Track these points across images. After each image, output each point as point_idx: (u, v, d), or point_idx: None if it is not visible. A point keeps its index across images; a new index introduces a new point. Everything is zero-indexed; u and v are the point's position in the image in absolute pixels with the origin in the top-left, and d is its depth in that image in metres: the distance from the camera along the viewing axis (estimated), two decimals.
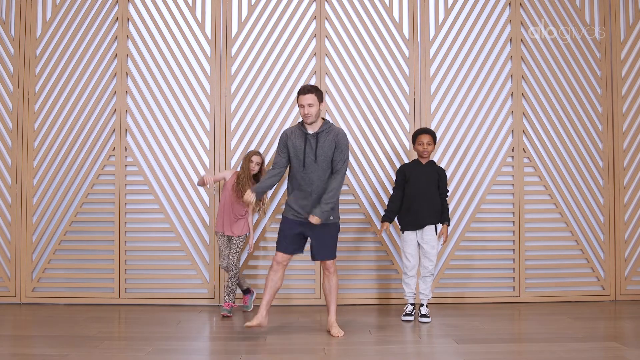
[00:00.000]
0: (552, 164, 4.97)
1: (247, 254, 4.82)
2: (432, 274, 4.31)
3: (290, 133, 3.83)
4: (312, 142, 3.73)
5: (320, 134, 3.75)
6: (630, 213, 5.01)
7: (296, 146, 3.76)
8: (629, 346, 3.47)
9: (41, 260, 4.86)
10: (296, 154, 3.76)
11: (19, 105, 4.92)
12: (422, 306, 4.29)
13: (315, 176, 3.73)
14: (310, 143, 3.73)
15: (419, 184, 4.30)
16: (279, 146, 3.87)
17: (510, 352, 3.41)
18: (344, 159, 3.74)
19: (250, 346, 3.55)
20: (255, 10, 4.97)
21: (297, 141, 3.77)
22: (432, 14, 5.00)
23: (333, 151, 3.73)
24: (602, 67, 5.03)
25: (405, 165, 4.45)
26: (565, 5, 5.03)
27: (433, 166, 4.39)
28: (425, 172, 4.33)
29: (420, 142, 4.32)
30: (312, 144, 3.73)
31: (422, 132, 4.36)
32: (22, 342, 3.65)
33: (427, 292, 4.31)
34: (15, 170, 4.89)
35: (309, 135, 3.75)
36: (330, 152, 3.72)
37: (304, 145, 3.74)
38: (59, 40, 4.93)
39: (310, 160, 3.72)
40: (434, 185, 4.33)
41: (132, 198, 4.88)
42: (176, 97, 4.92)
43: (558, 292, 4.93)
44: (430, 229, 4.29)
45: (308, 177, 3.73)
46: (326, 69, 4.94)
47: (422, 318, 4.22)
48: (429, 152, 4.33)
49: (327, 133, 3.75)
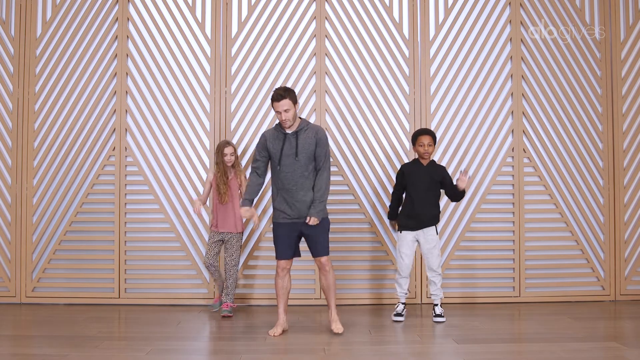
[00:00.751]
0: (552, 164, 4.97)
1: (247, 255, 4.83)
2: (439, 274, 4.29)
3: (269, 136, 3.85)
4: (292, 140, 3.77)
5: (300, 132, 3.78)
6: (630, 213, 5.01)
7: (276, 147, 3.79)
8: (629, 346, 3.47)
9: (41, 260, 4.86)
10: (276, 154, 3.78)
11: (19, 105, 4.92)
12: (436, 306, 4.29)
13: (298, 173, 3.75)
14: (290, 141, 3.77)
15: (420, 185, 4.28)
16: (258, 148, 3.88)
17: (510, 352, 3.41)
18: (326, 154, 3.80)
19: (250, 346, 3.55)
20: (255, 10, 4.97)
21: (276, 142, 3.80)
22: (432, 14, 5.00)
23: (314, 148, 3.76)
24: (602, 67, 5.03)
25: (405, 166, 4.43)
26: (565, 5, 5.03)
27: (435, 167, 4.37)
28: (428, 172, 4.30)
29: (421, 143, 4.28)
30: (292, 142, 3.76)
31: (422, 133, 4.31)
32: (22, 342, 3.65)
33: (438, 292, 4.30)
34: (15, 170, 4.89)
35: (289, 135, 3.78)
36: (311, 148, 3.76)
37: (283, 144, 3.76)
38: (59, 40, 4.94)
39: (291, 159, 3.75)
40: (436, 186, 4.32)
41: (132, 198, 4.88)
42: (176, 97, 4.93)
43: (558, 292, 4.93)
44: (429, 229, 4.29)
45: (291, 175, 3.76)
46: (326, 69, 4.94)
47: (437, 318, 4.22)
48: (430, 153, 4.30)
49: (306, 130, 3.80)
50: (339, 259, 4.82)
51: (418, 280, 4.87)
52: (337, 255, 4.80)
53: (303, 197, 3.76)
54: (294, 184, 3.75)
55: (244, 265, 4.85)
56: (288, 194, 3.77)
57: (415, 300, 4.86)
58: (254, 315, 4.47)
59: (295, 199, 3.76)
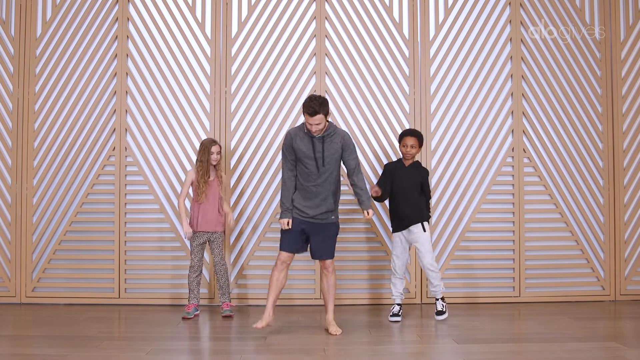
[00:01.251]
0: (552, 164, 4.97)
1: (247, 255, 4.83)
2: (434, 270, 4.26)
3: (295, 135, 3.80)
4: (319, 146, 3.74)
5: (326, 137, 3.76)
6: (630, 213, 5.01)
7: (302, 149, 3.75)
8: (629, 346, 3.47)
9: (41, 260, 4.86)
10: (303, 156, 3.76)
11: (19, 105, 4.92)
12: (437, 301, 4.28)
13: (323, 178, 3.75)
14: (316, 146, 3.74)
15: (402, 185, 4.29)
16: (286, 149, 3.83)
17: (510, 352, 3.41)
18: (355, 157, 3.86)
19: (250, 346, 3.55)
20: (255, 10, 4.97)
21: (302, 144, 3.76)
22: (432, 14, 4.99)
23: (341, 153, 3.78)
24: (602, 67, 5.03)
25: (390, 164, 4.47)
26: (565, 5, 5.03)
27: (417, 168, 4.37)
28: (408, 173, 4.32)
29: (405, 144, 4.30)
30: (319, 147, 3.74)
31: (407, 134, 4.33)
32: (22, 342, 3.65)
33: (437, 289, 4.28)
34: (15, 170, 4.89)
35: (315, 139, 3.75)
36: (337, 155, 3.77)
37: (312, 148, 3.74)
38: (59, 40, 4.93)
39: (318, 163, 3.73)
40: (417, 186, 4.31)
41: (132, 198, 4.88)
42: (176, 97, 4.92)
43: (558, 292, 4.93)
44: (416, 227, 4.28)
45: (313, 178, 3.75)
46: (326, 69, 4.94)
47: (438, 315, 4.23)
48: (412, 154, 4.31)
49: (332, 136, 3.77)
50: (338, 259, 4.81)
51: (418, 280, 4.87)
52: (337, 255, 4.76)
53: (322, 201, 3.77)
54: (317, 186, 3.76)
55: (244, 265, 4.85)
56: (308, 195, 3.78)
57: (415, 300, 4.86)
58: (254, 315, 4.47)
59: (314, 201, 3.77)
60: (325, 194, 3.77)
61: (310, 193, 3.77)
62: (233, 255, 4.87)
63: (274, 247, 4.67)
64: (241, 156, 4.89)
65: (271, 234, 4.84)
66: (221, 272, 4.43)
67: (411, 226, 4.27)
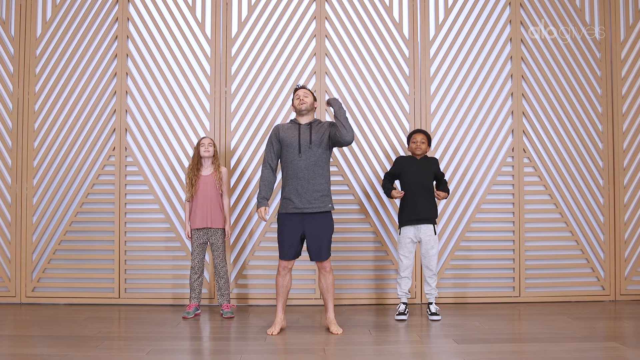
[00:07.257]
0: (552, 164, 4.97)
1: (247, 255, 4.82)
2: (435, 275, 4.34)
3: (282, 126, 3.94)
4: (306, 131, 3.85)
5: (313, 123, 3.90)
6: (630, 213, 5.01)
7: (289, 136, 3.86)
8: (629, 346, 3.47)
9: (41, 260, 4.86)
10: (290, 142, 3.84)
11: (19, 105, 4.92)
12: (430, 304, 4.31)
13: (312, 161, 3.79)
14: (304, 131, 3.85)
15: (414, 175, 4.34)
16: (271, 138, 3.93)
17: (510, 352, 3.40)
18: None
19: (250, 346, 3.55)
20: (255, 10, 4.97)
21: (289, 132, 3.88)
22: (432, 14, 5.00)
23: (328, 135, 3.84)
24: (602, 67, 5.03)
25: (401, 157, 4.51)
26: (565, 5, 5.03)
27: (428, 160, 4.45)
28: (421, 164, 4.40)
29: (414, 140, 4.41)
30: (307, 133, 3.84)
31: (416, 132, 4.46)
32: (22, 342, 3.65)
33: (432, 292, 4.34)
34: (15, 170, 4.89)
35: (302, 125, 3.88)
36: (325, 137, 3.84)
37: (298, 132, 3.85)
38: (59, 40, 4.94)
39: (305, 147, 3.80)
40: (430, 176, 4.37)
41: (132, 198, 4.88)
42: (176, 97, 4.93)
43: (558, 292, 4.93)
44: (428, 228, 4.30)
45: (304, 164, 3.79)
46: (326, 69, 4.94)
47: (433, 316, 4.25)
48: (422, 150, 4.39)
49: (319, 123, 3.91)
50: (339, 259, 4.82)
51: (418, 281, 4.87)
52: (337, 255, 4.80)
53: (315, 187, 3.79)
54: (307, 172, 3.78)
55: (244, 265, 4.85)
56: (300, 182, 3.79)
57: (415, 301, 4.86)
58: (254, 315, 4.47)
59: (306, 188, 3.78)
60: (317, 179, 3.79)
61: (302, 180, 3.78)
62: (233, 255, 4.87)
63: (274, 247, 4.67)
64: (241, 156, 4.89)
65: (271, 234, 4.84)
66: (221, 275, 4.43)
67: (425, 224, 4.30)
